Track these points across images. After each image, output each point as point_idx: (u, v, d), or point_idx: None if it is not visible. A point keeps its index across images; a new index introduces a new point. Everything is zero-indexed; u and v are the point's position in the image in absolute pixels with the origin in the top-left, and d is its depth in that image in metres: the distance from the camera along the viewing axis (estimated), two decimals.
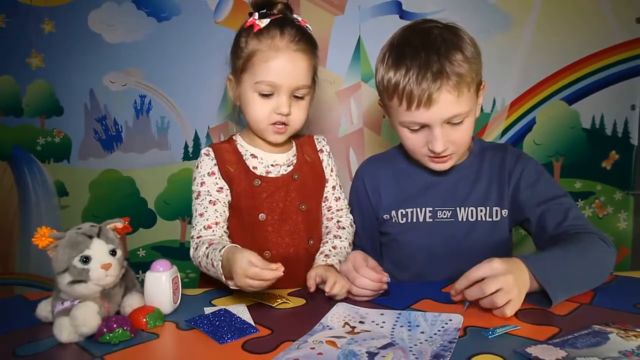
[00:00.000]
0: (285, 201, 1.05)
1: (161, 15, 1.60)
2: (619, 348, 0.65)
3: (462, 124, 0.98)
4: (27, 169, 1.69)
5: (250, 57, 1.00)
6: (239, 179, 1.03)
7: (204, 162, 1.05)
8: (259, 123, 1.03)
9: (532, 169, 1.08)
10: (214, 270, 0.89)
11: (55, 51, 1.62)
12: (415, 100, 0.95)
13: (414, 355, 0.67)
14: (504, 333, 0.73)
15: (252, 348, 0.72)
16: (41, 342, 0.77)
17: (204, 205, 1.01)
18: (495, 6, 1.61)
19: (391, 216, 1.11)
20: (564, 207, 1.01)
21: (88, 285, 0.77)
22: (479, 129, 1.65)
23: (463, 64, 0.94)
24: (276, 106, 1.00)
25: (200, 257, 0.94)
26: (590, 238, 0.93)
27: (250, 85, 1.01)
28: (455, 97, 0.94)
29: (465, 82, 0.95)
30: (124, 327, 0.76)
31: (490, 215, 1.07)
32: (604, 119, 1.69)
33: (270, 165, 1.06)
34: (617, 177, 1.71)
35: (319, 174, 1.12)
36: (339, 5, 1.60)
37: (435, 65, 0.93)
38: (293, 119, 1.03)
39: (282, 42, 0.98)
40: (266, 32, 0.99)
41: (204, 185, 1.03)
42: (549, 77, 1.66)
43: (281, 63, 0.98)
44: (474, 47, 0.99)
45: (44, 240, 0.78)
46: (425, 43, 0.96)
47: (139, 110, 1.65)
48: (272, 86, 0.99)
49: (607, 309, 0.81)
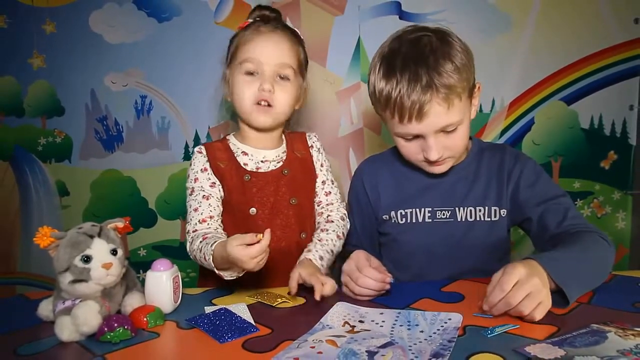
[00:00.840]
0: (275, 195, 1.06)
1: (162, 15, 1.60)
2: (618, 347, 0.65)
3: (456, 131, 0.99)
4: (28, 169, 1.69)
5: (236, 46, 1.07)
6: (230, 174, 1.06)
7: (197, 159, 1.08)
8: (244, 103, 1.06)
9: (531, 169, 1.08)
10: (207, 263, 0.92)
11: (56, 52, 1.62)
12: (406, 114, 0.95)
13: (413, 354, 0.67)
14: (503, 332, 0.73)
15: (253, 347, 0.72)
16: (42, 341, 0.77)
17: (197, 200, 1.04)
18: (494, 7, 1.61)
19: (390, 217, 1.11)
20: (563, 207, 1.01)
21: (89, 285, 0.77)
22: (478, 129, 1.65)
23: (453, 75, 0.93)
24: (260, 84, 1.03)
25: (195, 251, 0.96)
26: (591, 237, 0.93)
27: (237, 69, 1.06)
28: (445, 109, 0.94)
29: (455, 92, 0.94)
30: (125, 326, 0.76)
31: (488, 215, 1.07)
32: (603, 119, 1.69)
33: (260, 161, 1.09)
34: (616, 177, 1.71)
35: (310, 169, 1.13)
36: (338, 5, 1.60)
37: (425, 77, 0.92)
38: (277, 99, 1.05)
39: (265, 28, 1.06)
40: (253, 25, 1.07)
41: (197, 181, 1.06)
42: (548, 77, 1.66)
43: (262, 41, 1.05)
44: (465, 52, 0.98)
45: (45, 239, 0.78)
46: (414, 53, 0.95)
47: (140, 110, 1.65)
48: (255, 64, 1.04)
49: (605, 308, 0.81)
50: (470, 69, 0.98)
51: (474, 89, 1.02)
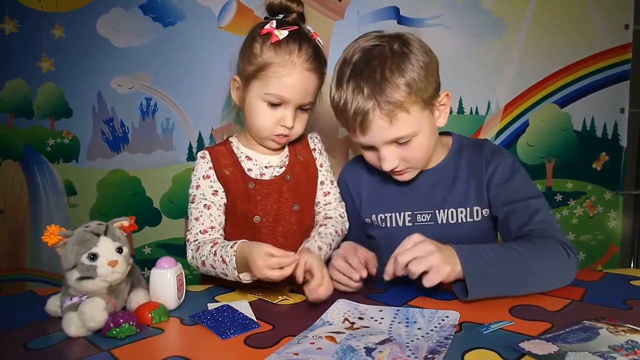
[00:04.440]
0: (278, 203, 1.03)
1: (167, 20, 1.60)
2: (609, 343, 0.64)
3: (410, 142, 0.93)
4: (37, 169, 1.69)
5: (264, 67, 0.95)
6: (235, 182, 1.02)
7: (200, 165, 1.04)
8: (262, 132, 1.01)
9: (507, 166, 1.00)
10: (223, 267, 0.89)
11: (65, 55, 1.62)
12: (351, 125, 0.93)
13: (410, 351, 0.66)
14: (498, 329, 0.72)
15: (254, 343, 0.72)
16: (51, 336, 0.76)
17: (199, 210, 1.00)
18: (490, 12, 1.61)
19: (372, 220, 1.08)
20: (531, 209, 0.94)
21: (95, 282, 0.77)
22: (474, 131, 1.65)
23: (399, 90, 0.88)
24: (282, 117, 0.98)
25: (204, 256, 0.93)
26: (546, 244, 0.87)
27: (259, 95, 0.97)
28: (388, 123, 0.90)
29: (401, 107, 0.89)
30: (130, 322, 0.75)
31: (471, 216, 1.01)
32: (595, 122, 1.69)
33: (264, 167, 1.04)
34: (607, 178, 1.72)
35: (313, 173, 1.08)
36: (338, 10, 1.60)
37: (366, 90, 0.88)
38: (294, 130, 1.01)
39: (299, 60, 0.95)
40: (285, 45, 0.95)
41: (199, 188, 1.02)
42: (542, 80, 1.66)
43: (294, 80, 0.95)
44: (424, 64, 0.91)
45: (53, 237, 0.77)
46: (362, 64, 0.90)
47: (145, 112, 1.65)
48: (282, 99, 0.97)
49: (597, 305, 0.81)
50: (427, 80, 0.91)
51: (434, 99, 0.95)
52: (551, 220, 0.95)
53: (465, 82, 1.62)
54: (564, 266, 0.87)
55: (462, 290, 0.81)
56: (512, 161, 1.02)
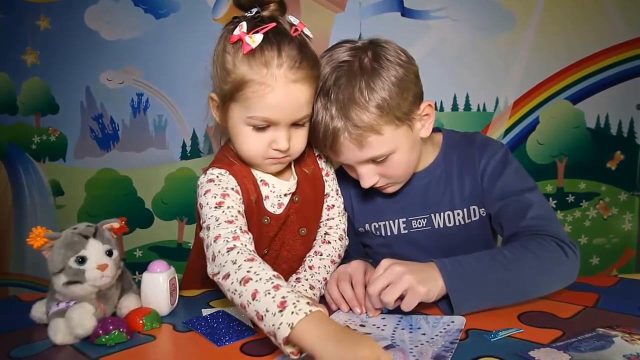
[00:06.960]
0: (285, 230, 0.97)
1: (159, 12, 1.60)
2: (624, 352, 0.64)
3: (387, 160, 0.90)
4: (21, 167, 1.69)
5: (240, 86, 0.81)
6: (252, 213, 0.90)
7: (225, 178, 0.87)
8: (254, 158, 0.88)
9: (499, 160, 0.97)
10: (255, 315, 0.67)
11: (51, 48, 1.62)
12: (322, 143, 0.91)
13: (414, 357, 0.67)
14: (506, 336, 0.72)
15: (251, 350, 0.72)
16: (36, 344, 0.76)
17: (231, 214, 0.82)
18: (498, 4, 1.62)
19: (365, 229, 1.06)
20: (524, 204, 0.91)
21: (84, 286, 0.77)
22: (481, 129, 1.64)
23: (367, 113, 0.84)
24: (273, 140, 0.85)
25: (238, 276, 0.71)
26: (538, 244, 0.84)
27: (242, 119, 0.84)
28: (358, 148, 0.87)
29: (372, 130, 0.85)
30: (120, 329, 0.75)
31: (469, 217, 0.99)
32: (609, 119, 1.69)
33: (283, 195, 0.94)
34: (622, 178, 1.72)
35: (320, 186, 1.01)
36: (339, 2, 1.60)
37: (335, 110, 0.85)
38: (292, 147, 0.87)
39: (280, 71, 0.80)
40: (259, 55, 0.80)
41: (228, 197, 0.84)
42: (553, 76, 1.66)
43: (278, 97, 0.81)
44: (396, 82, 0.86)
45: (38, 240, 0.77)
46: (331, 81, 0.87)
47: (136, 108, 1.65)
48: (268, 122, 0.83)
49: (611, 311, 0.81)
50: (402, 95, 0.86)
51: (412, 113, 0.90)
52: (546, 214, 0.92)
53: (472, 77, 1.62)
54: (561, 266, 0.85)
55: (449, 307, 0.80)
56: (504, 153, 0.98)
